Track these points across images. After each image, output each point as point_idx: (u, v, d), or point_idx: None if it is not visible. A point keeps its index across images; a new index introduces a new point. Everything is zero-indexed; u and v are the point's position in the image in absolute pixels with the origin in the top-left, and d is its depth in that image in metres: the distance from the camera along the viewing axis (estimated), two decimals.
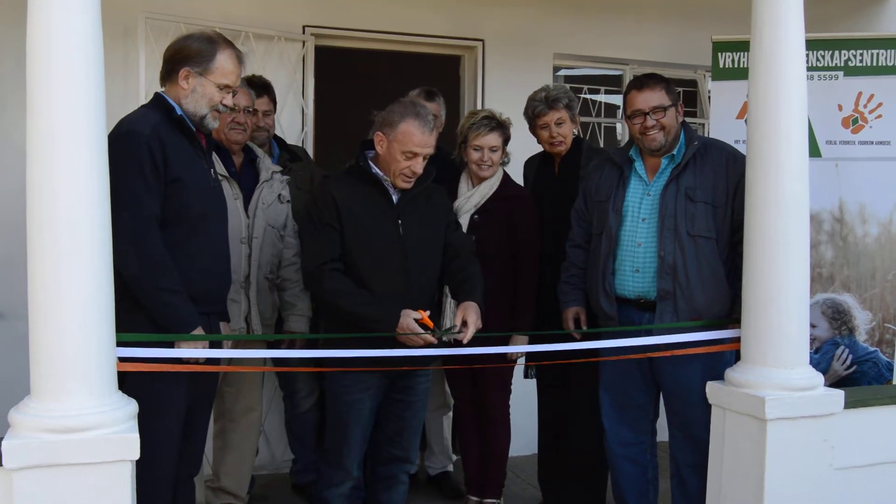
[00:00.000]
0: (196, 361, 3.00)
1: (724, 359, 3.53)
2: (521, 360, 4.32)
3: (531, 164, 4.54)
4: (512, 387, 4.34)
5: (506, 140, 4.19)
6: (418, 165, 3.40)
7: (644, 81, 3.68)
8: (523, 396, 4.56)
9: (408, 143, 3.36)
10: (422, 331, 3.26)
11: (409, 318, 3.26)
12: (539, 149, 4.46)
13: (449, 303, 4.01)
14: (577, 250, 3.99)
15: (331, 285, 3.34)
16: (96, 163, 2.48)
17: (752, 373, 3.26)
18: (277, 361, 4.13)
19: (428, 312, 3.31)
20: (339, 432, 3.49)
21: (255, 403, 4.23)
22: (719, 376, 3.43)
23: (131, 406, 2.62)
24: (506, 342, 4.02)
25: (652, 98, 3.63)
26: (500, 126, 4.16)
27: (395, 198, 3.47)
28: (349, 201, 3.40)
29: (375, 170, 3.46)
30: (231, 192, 3.85)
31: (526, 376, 4.53)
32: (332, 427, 3.53)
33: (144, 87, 4.55)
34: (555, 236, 4.13)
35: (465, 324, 3.31)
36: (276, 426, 5.02)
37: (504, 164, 4.25)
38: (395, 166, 3.40)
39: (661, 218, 3.59)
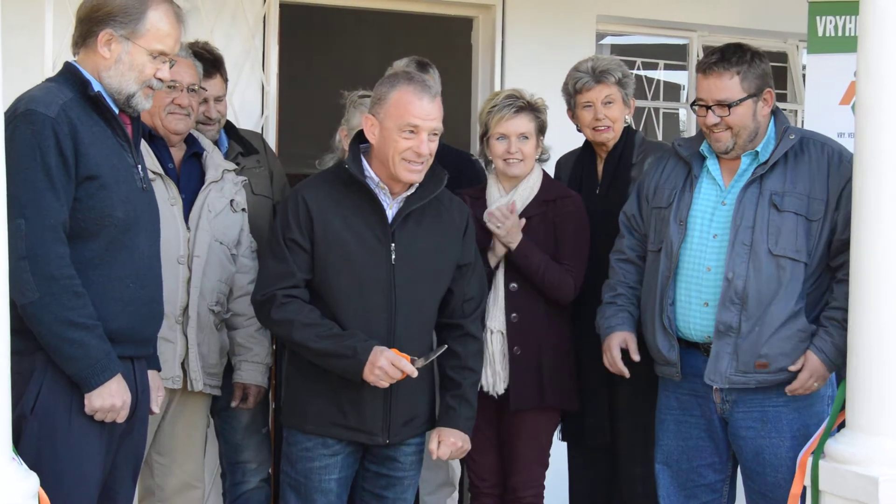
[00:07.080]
0: (114, 421, 2.98)
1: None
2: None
3: (565, 164, 4.52)
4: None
5: (540, 127, 4.14)
6: (423, 144, 3.38)
7: (712, 64, 3.62)
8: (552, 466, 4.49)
9: (405, 115, 3.36)
10: (403, 360, 3.32)
11: (386, 355, 3.31)
12: (575, 145, 4.45)
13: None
14: (625, 265, 3.95)
15: (281, 315, 3.39)
16: None
17: (860, 444, 3.23)
18: (223, 420, 4.11)
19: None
20: None
21: (196, 479, 4.17)
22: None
23: (30, 481, 2.61)
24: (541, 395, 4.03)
25: (718, 88, 3.58)
26: (530, 107, 4.13)
27: (390, 213, 3.46)
28: (327, 213, 3.42)
29: (369, 172, 3.47)
30: (167, 196, 3.82)
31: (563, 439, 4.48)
32: None
33: (52, 55, 4.57)
34: (594, 262, 4.08)
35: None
36: None
37: (542, 160, 4.23)
38: (394, 152, 3.39)
39: (734, 229, 3.57)
